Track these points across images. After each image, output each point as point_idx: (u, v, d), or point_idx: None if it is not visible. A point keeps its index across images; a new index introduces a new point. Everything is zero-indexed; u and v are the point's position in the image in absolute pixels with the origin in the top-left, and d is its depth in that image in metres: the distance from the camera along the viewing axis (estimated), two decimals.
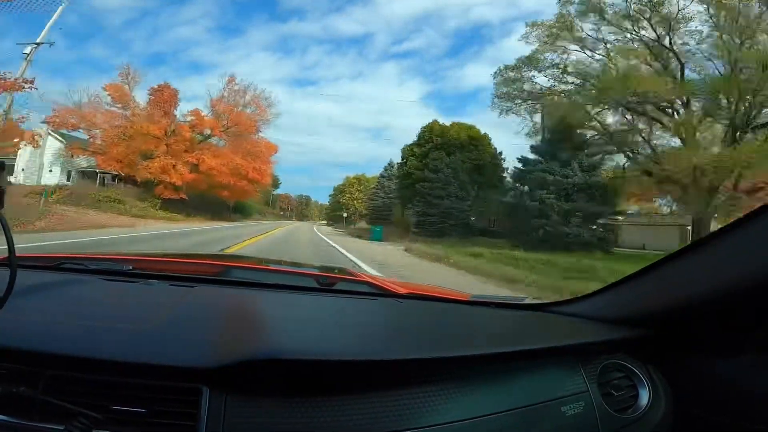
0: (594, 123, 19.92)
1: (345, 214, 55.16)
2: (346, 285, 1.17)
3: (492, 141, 26.49)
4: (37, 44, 19.65)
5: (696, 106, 16.97)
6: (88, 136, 25.55)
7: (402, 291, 1.12)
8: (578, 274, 8.06)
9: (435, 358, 0.66)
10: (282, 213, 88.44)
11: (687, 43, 16.96)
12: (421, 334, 0.88)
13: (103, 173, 26.04)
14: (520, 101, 21.77)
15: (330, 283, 1.15)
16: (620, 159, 20.32)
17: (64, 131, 25.37)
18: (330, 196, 72.98)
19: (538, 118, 21.74)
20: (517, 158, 20.83)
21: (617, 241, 20.93)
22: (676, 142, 17.51)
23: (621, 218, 22.52)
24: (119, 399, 0.56)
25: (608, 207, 18.51)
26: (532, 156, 19.79)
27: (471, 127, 26.49)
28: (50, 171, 25.74)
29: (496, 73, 21.71)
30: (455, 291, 1.32)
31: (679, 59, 17.16)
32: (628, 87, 16.46)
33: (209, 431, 0.55)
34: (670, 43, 17.21)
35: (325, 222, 68.70)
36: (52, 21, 19.85)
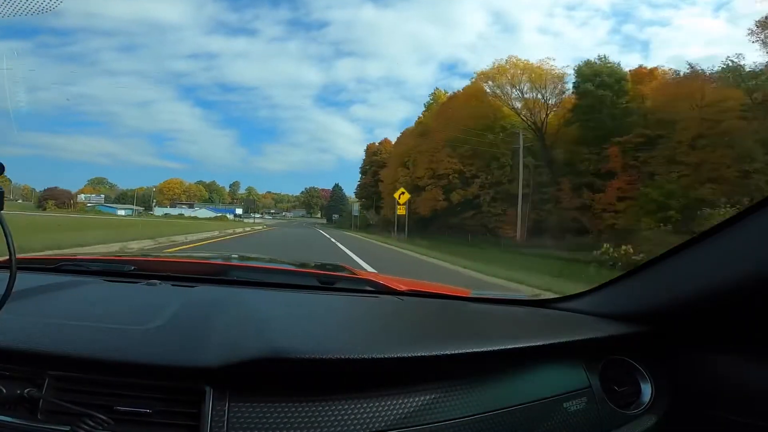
0: None
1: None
2: (347, 283, 1.17)
3: None
4: None
5: None
6: None
7: (403, 288, 1.12)
8: None
9: (437, 356, 0.66)
10: (260, 215, 74.88)
11: None
12: (423, 331, 0.88)
13: None
14: None
15: (331, 281, 1.15)
16: None
17: None
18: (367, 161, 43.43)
19: None
20: None
21: None
22: None
23: None
24: (123, 399, 0.57)
25: None
26: None
27: None
28: None
29: None
30: (455, 288, 1.31)
31: None
32: None
33: (213, 431, 0.55)
34: None
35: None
36: None
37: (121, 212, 57.58)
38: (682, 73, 20.44)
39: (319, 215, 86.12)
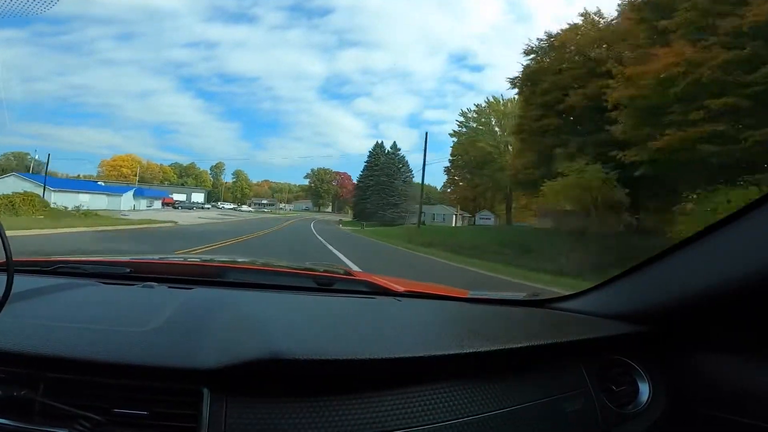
0: None
1: None
2: (344, 284, 1.17)
3: None
4: None
5: None
6: None
7: (400, 289, 1.12)
8: None
9: (434, 357, 0.66)
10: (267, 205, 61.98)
11: None
12: (421, 332, 0.88)
13: None
14: None
15: (328, 282, 1.15)
16: None
17: None
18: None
19: None
20: None
21: None
22: None
23: None
24: (120, 401, 0.57)
25: None
26: None
27: None
28: None
29: None
30: (453, 288, 1.31)
31: None
32: None
33: None
34: None
35: None
36: None
37: None
38: None
39: (330, 208, 69.26)
